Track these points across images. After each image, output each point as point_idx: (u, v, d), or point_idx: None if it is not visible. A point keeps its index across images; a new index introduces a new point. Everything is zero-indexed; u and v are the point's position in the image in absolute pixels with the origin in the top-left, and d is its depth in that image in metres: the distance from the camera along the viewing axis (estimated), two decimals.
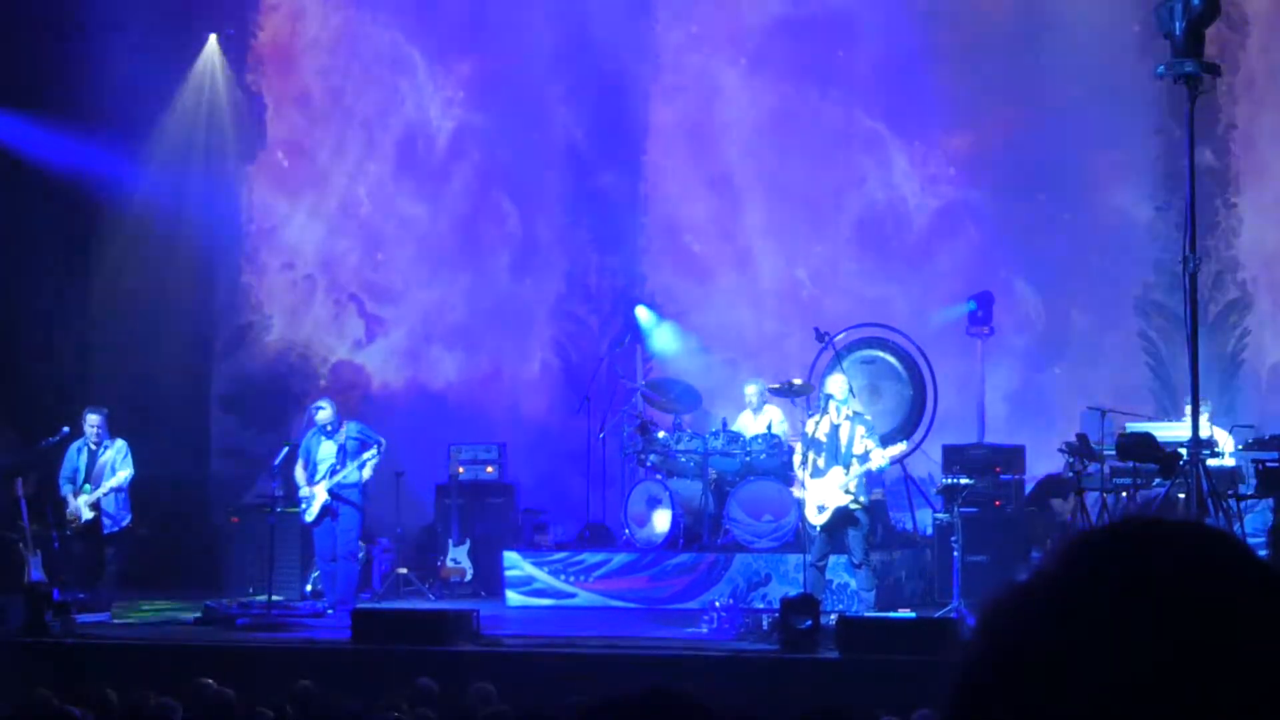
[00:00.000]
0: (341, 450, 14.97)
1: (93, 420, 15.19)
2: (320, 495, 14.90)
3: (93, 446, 15.19)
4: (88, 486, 15.03)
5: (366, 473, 15.06)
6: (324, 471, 14.94)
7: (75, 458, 15.19)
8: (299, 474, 15.07)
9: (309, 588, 15.88)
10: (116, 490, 15.15)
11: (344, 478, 14.91)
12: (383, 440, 15.33)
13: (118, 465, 15.16)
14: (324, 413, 15.24)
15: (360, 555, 15.86)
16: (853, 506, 13.33)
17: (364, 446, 15.08)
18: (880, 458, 13.43)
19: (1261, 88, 17.67)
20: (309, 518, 15.01)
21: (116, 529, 15.21)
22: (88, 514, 14.98)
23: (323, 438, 15.10)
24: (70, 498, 15.06)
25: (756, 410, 15.99)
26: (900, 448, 14.40)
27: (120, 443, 15.28)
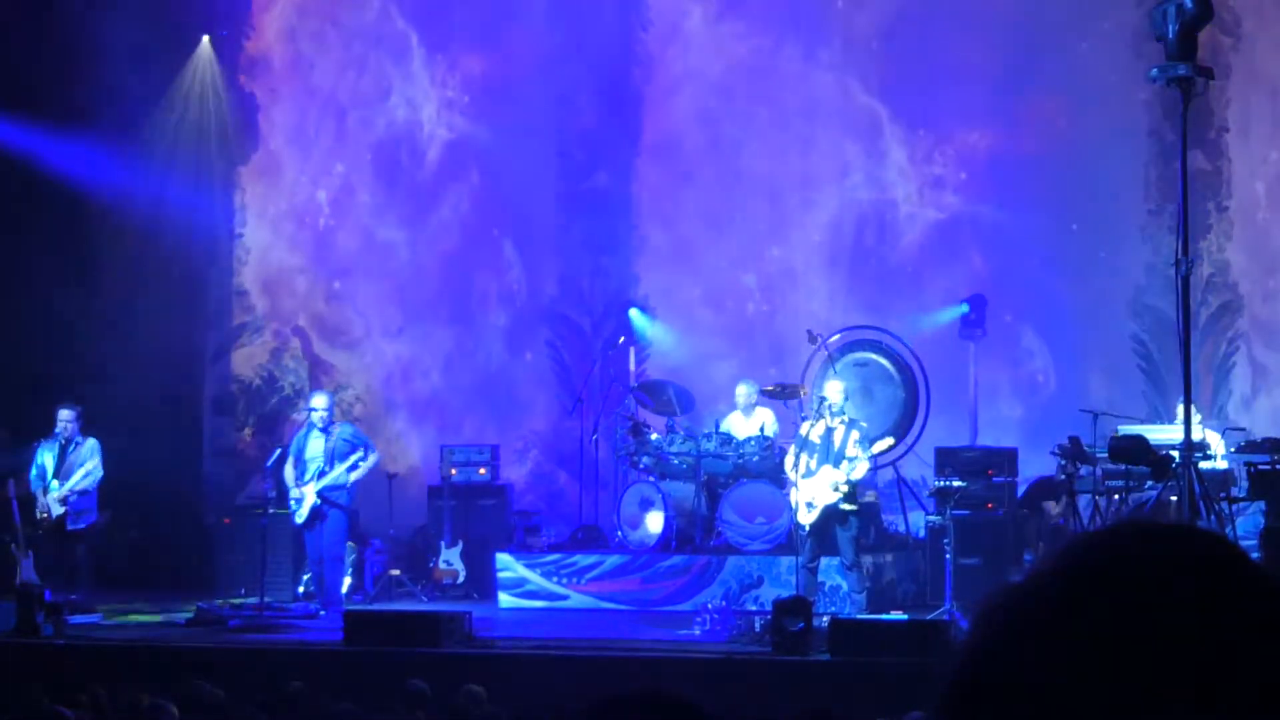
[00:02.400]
0: (331, 453, 14.90)
1: (64, 416, 15.14)
2: (309, 497, 14.85)
3: (63, 443, 15.14)
4: (55, 483, 14.98)
5: (355, 475, 14.96)
6: (313, 472, 14.87)
7: (42, 455, 15.14)
8: (288, 472, 15.00)
9: (301, 589, 15.86)
10: (82, 492, 15.07)
11: (332, 479, 14.83)
12: (373, 445, 15.25)
13: (89, 465, 15.10)
14: (319, 406, 15.15)
15: (351, 557, 15.87)
16: (844, 506, 13.35)
17: (354, 450, 15.00)
18: (862, 469, 13.50)
19: (1254, 91, 17.66)
20: (299, 519, 14.95)
21: (84, 526, 15.15)
22: (57, 509, 14.93)
23: (313, 433, 15.00)
24: (40, 495, 15.02)
25: (747, 412, 15.95)
26: (888, 443, 14.42)
27: (92, 442, 15.23)
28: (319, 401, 15.25)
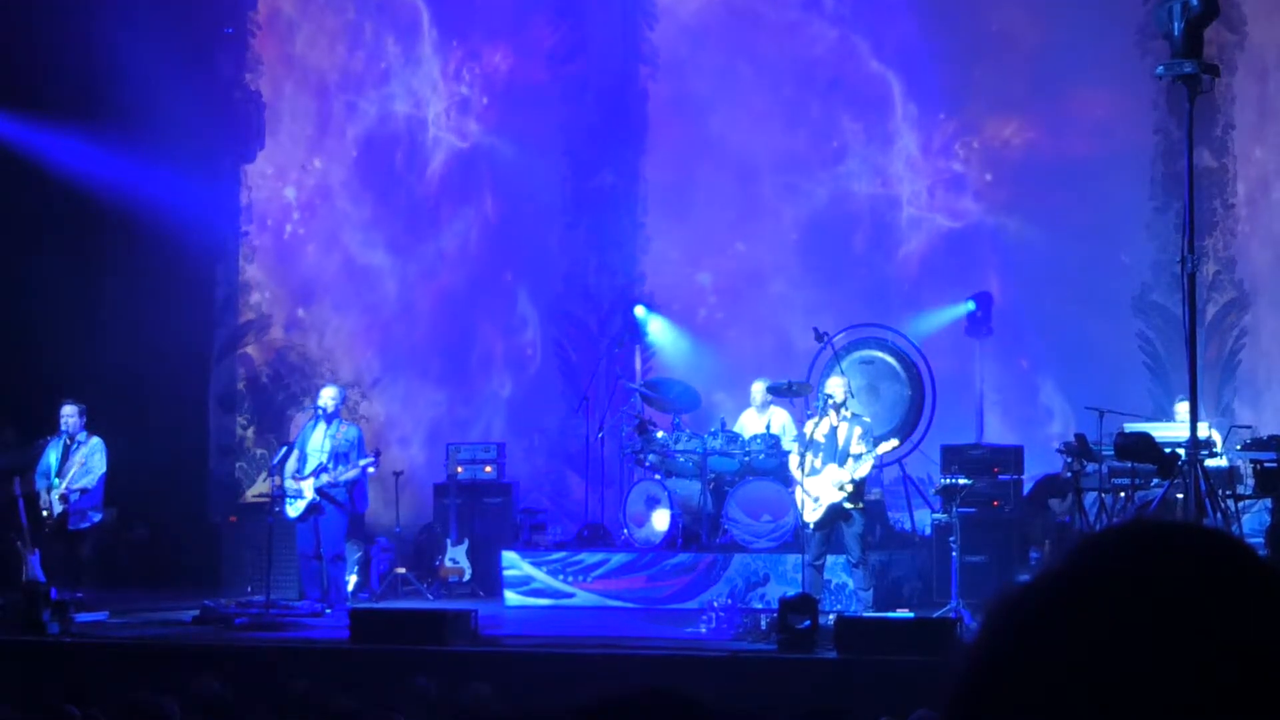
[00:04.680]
0: (334, 451, 14.83)
1: (68, 412, 15.13)
2: (307, 492, 14.78)
3: (67, 440, 15.14)
4: (57, 480, 14.99)
5: (354, 472, 14.83)
6: (312, 467, 14.80)
7: (49, 452, 15.15)
8: (290, 464, 14.92)
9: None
10: (82, 490, 15.06)
11: (334, 477, 14.75)
12: (374, 458, 15.05)
13: (90, 463, 15.10)
14: (326, 396, 15.06)
15: (356, 555, 15.86)
16: (847, 505, 13.35)
17: (360, 454, 14.92)
18: (866, 466, 13.48)
19: (1260, 87, 17.61)
20: (293, 512, 14.84)
21: (88, 524, 15.16)
22: (58, 506, 14.94)
23: (318, 425, 14.90)
24: (44, 493, 15.03)
25: (761, 409, 15.92)
26: (893, 444, 14.38)
27: (96, 440, 15.21)
28: (327, 393, 15.22)
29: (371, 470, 15.09)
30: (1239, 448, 14.56)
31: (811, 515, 13.39)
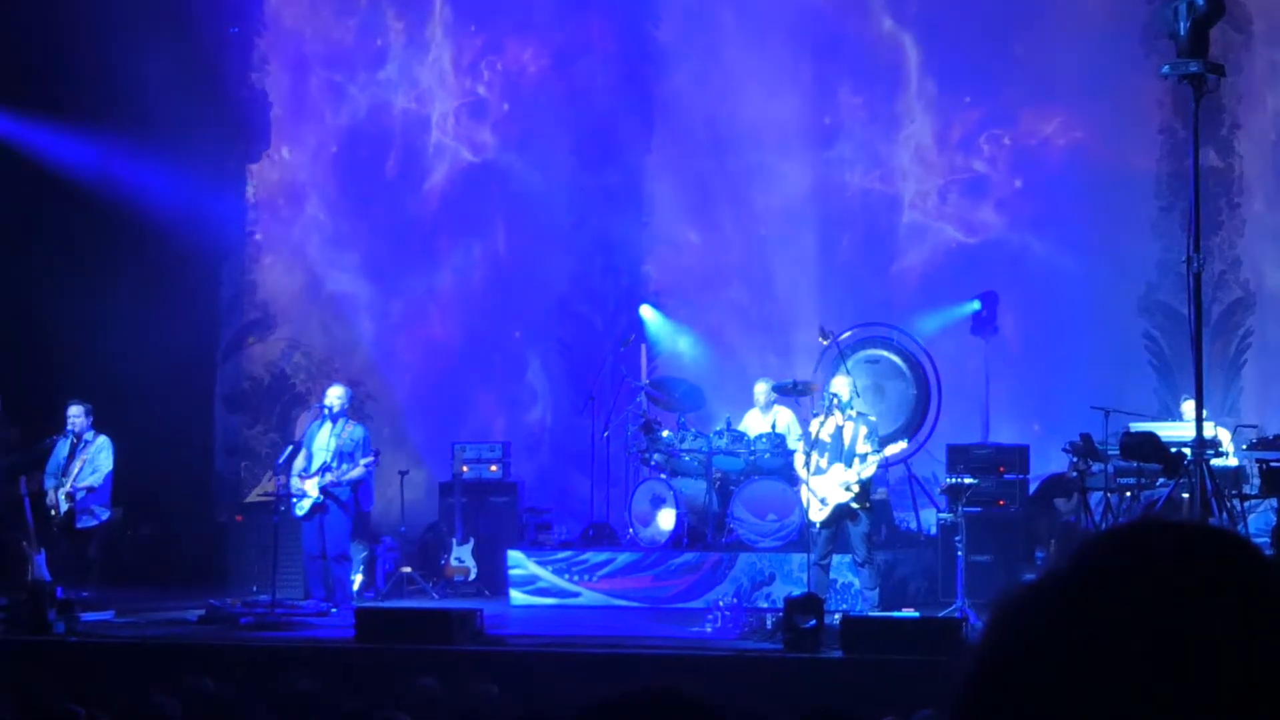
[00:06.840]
0: (339, 450, 14.83)
1: (74, 412, 15.19)
2: (312, 491, 14.78)
3: (74, 440, 15.17)
4: (63, 479, 15.03)
5: (358, 471, 14.83)
6: (318, 466, 14.80)
7: (59, 452, 15.19)
8: (297, 463, 14.91)
9: None
10: (89, 488, 15.09)
11: (338, 476, 14.73)
12: (374, 457, 15.00)
13: (97, 461, 15.14)
14: (333, 395, 15.04)
15: (363, 555, 15.87)
16: (854, 505, 13.35)
17: (364, 453, 14.91)
18: (872, 466, 13.44)
19: (1265, 88, 17.59)
20: (299, 511, 14.85)
21: (95, 523, 15.20)
22: (64, 505, 14.98)
23: (324, 424, 14.90)
24: (51, 491, 15.07)
25: (765, 409, 15.93)
26: (900, 446, 14.39)
27: (103, 439, 15.26)
28: (334, 392, 15.20)
29: (372, 468, 15.04)
30: (1245, 447, 14.56)
31: (818, 515, 13.40)
